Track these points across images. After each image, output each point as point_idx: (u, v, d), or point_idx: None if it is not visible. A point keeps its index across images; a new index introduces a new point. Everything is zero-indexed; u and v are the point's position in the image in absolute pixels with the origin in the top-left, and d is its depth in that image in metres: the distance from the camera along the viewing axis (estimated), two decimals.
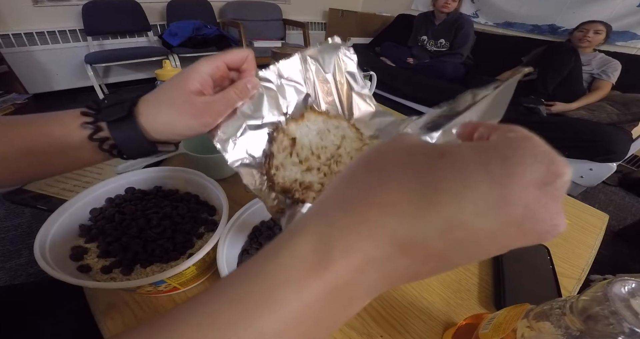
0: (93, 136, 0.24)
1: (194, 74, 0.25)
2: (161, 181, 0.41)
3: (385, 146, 0.14)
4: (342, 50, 0.37)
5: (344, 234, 0.11)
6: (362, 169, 0.13)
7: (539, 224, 0.10)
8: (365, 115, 0.38)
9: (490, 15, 2.52)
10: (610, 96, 1.66)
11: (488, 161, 0.11)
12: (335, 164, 0.31)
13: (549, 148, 0.11)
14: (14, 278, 0.99)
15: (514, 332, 0.21)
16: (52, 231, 0.30)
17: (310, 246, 0.12)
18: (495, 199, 0.10)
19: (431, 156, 0.12)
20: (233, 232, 0.33)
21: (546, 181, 0.10)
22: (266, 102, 0.31)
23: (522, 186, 0.10)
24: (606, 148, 1.44)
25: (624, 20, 1.86)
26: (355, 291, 0.12)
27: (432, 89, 2.09)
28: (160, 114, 0.25)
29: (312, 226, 0.12)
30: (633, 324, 0.14)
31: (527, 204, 0.10)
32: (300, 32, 2.65)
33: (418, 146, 0.13)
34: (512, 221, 0.10)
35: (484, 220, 0.10)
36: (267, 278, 0.11)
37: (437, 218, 0.11)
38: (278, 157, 0.29)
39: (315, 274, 0.11)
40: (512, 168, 0.10)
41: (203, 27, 2.18)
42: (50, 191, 0.47)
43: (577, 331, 0.17)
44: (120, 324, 0.31)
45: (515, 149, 0.11)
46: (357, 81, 0.38)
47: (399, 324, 0.33)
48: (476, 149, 0.11)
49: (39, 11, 1.94)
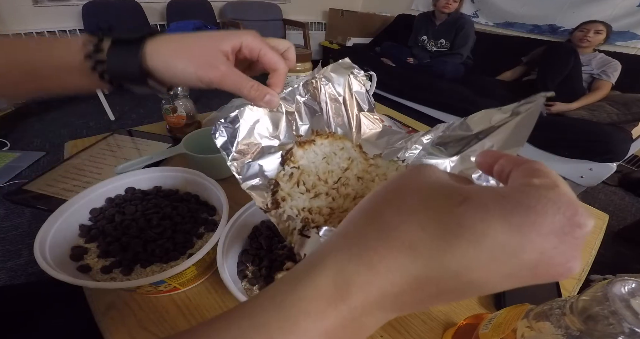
0: (89, 55, 0.23)
1: (234, 37, 0.25)
2: (161, 181, 0.41)
3: (406, 179, 0.14)
4: (354, 71, 0.37)
5: (362, 271, 0.12)
6: (383, 205, 0.14)
7: (553, 268, 0.11)
8: (372, 135, 0.39)
9: (490, 15, 2.52)
10: (610, 96, 1.66)
11: (509, 211, 0.11)
12: (343, 187, 0.31)
13: (573, 197, 0.11)
14: (14, 278, 0.99)
15: (514, 332, 0.21)
16: (52, 231, 0.30)
17: (330, 280, 0.12)
18: (513, 247, 0.10)
19: (453, 200, 0.12)
20: (233, 232, 0.33)
21: (566, 231, 0.10)
22: (284, 124, 0.32)
23: (541, 235, 0.10)
24: (606, 148, 1.45)
25: (624, 20, 1.86)
26: (368, 320, 0.13)
27: (432, 89, 2.09)
28: (167, 49, 0.24)
29: (332, 261, 0.13)
30: (633, 324, 0.14)
31: (544, 251, 0.10)
32: (300, 32, 2.65)
33: (440, 185, 0.13)
34: (527, 266, 0.11)
35: (500, 265, 0.11)
36: (291, 308, 0.12)
37: (453, 262, 0.11)
38: (284, 188, 0.29)
39: (334, 307, 0.12)
40: (533, 218, 0.10)
41: (203, 27, 2.18)
42: (50, 191, 0.47)
43: (577, 331, 0.17)
44: (120, 324, 0.31)
45: (538, 198, 0.11)
46: (366, 102, 0.39)
47: (399, 324, 0.33)
48: (498, 197, 0.11)
49: (39, 11, 1.94)
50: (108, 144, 0.61)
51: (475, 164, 0.16)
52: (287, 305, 0.12)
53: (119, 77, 0.24)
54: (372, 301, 0.12)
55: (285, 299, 0.12)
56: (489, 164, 0.15)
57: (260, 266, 0.33)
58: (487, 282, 0.11)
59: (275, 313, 0.12)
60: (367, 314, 0.12)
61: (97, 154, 0.58)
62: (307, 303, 0.12)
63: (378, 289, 0.12)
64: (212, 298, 0.34)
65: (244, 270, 0.33)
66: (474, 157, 0.26)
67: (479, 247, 0.11)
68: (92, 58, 0.23)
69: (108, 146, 0.60)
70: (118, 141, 0.62)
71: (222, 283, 0.27)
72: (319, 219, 0.29)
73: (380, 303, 0.12)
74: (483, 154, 0.16)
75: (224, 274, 0.28)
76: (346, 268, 0.12)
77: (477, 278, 0.11)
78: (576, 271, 0.11)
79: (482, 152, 0.16)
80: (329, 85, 0.36)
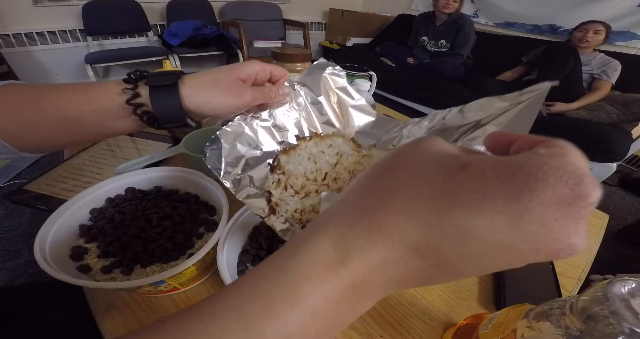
0: (130, 100, 0.26)
1: (247, 66, 0.30)
2: (161, 181, 0.41)
3: (407, 149, 0.14)
4: (329, 69, 0.37)
5: (362, 235, 0.12)
6: (383, 173, 0.14)
7: (553, 242, 0.10)
8: (366, 126, 0.39)
9: (490, 15, 2.52)
10: (610, 96, 1.66)
11: (509, 176, 0.10)
12: (334, 182, 0.32)
13: (581, 167, 0.10)
14: (14, 278, 0.99)
15: (514, 332, 0.21)
16: (52, 231, 0.30)
17: (330, 243, 0.12)
18: (512, 214, 0.10)
19: (452, 166, 0.12)
20: (233, 232, 0.33)
21: (568, 201, 0.10)
22: (262, 133, 0.33)
23: (540, 204, 0.10)
24: (606, 148, 1.45)
25: (624, 20, 1.86)
26: (369, 289, 0.12)
27: (432, 89, 2.09)
28: (203, 88, 0.28)
29: (333, 225, 0.13)
30: (633, 324, 0.14)
31: (544, 222, 0.10)
32: (300, 32, 2.65)
33: (440, 154, 0.13)
34: (526, 237, 0.10)
35: (498, 234, 0.10)
36: (291, 273, 0.12)
37: (452, 228, 0.11)
38: (275, 194, 0.30)
39: (335, 271, 0.12)
40: (533, 185, 0.10)
41: (203, 27, 2.18)
42: (50, 191, 0.47)
43: (577, 331, 0.17)
44: (120, 324, 0.31)
45: (540, 166, 0.10)
46: (351, 95, 0.39)
47: (399, 324, 0.33)
48: (499, 164, 0.11)
49: (39, 11, 1.94)
50: (108, 144, 0.61)
51: (485, 145, 0.15)
52: (287, 270, 0.12)
53: (164, 121, 0.28)
54: (373, 266, 0.12)
55: (287, 264, 0.12)
56: (504, 144, 0.14)
57: None
58: (487, 254, 0.11)
59: (276, 278, 0.12)
60: (367, 281, 0.12)
61: (97, 154, 0.58)
62: (308, 267, 0.12)
63: (378, 253, 0.12)
64: None
65: (244, 270, 0.33)
66: (477, 144, 0.25)
67: (477, 213, 0.10)
68: (133, 103, 0.26)
69: (108, 146, 0.60)
70: (118, 141, 0.62)
71: (222, 283, 0.27)
72: (313, 216, 0.29)
73: (380, 269, 0.12)
74: (494, 137, 0.15)
75: (224, 274, 0.28)
76: (347, 232, 0.12)
77: (476, 248, 0.11)
78: (579, 249, 0.10)
79: (492, 135, 0.15)
80: (304, 89, 0.36)
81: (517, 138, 0.14)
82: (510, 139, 0.14)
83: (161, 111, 0.27)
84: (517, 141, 0.13)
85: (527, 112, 0.22)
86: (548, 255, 0.10)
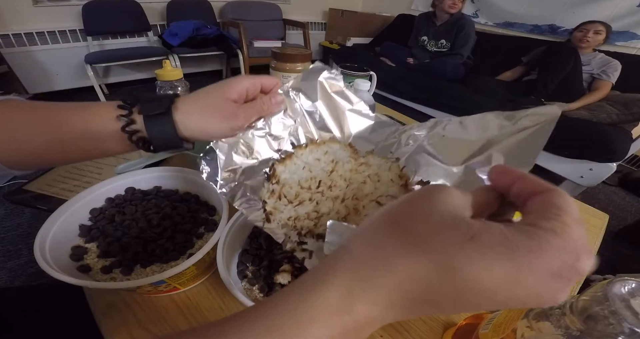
0: (126, 127, 0.26)
1: (235, 85, 0.29)
2: (161, 181, 0.41)
3: (419, 207, 0.15)
4: (325, 73, 0.36)
5: (367, 290, 0.13)
6: (391, 229, 0.14)
7: (541, 299, 0.12)
8: (364, 130, 0.38)
9: (490, 15, 2.52)
10: (610, 96, 1.66)
11: (511, 251, 0.12)
12: (328, 189, 0.31)
13: (580, 243, 0.12)
14: (14, 278, 0.99)
15: (514, 332, 0.21)
16: (52, 231, 0.30)
17: (338, 295, 0.14)
18: (509, 282, 0.12)
19: (462, 236, 0.13)
20: (233, 233, 0.33)
21: (563, 274, 0.11)
22: (258, 142, 0.33)
23: (534, 274, 0.11)
24: (606, 148, 1.44)
25: (624, 20, 1.86)
26: (369, 329, 0.14)
27: (432, 89, 2.08)
28: (195, 114, 0.28)
29: (342, 279, 0.14)
30: (633, 324, 0.14)
31: (535, 287, 0.12)
32: (300, 32, 2.65)
33: (451, 218, 0.14)
34: (517, 297, 0.12)
35: (495, 295, 0.12)
36: (302, 314, 0.14)
37: (454, 290, 0.12)
38: (269, 204, 0.30)
39: (341, 318, 0.13)
40: (530, 260, 0.12)
41: (203, 27, 2.18)
42: (50, 191, 0.47)
43: (577, 331, 0.17)
44: (120, 324, 0.31)
45: (540, 244, 0.12)
46: (349, 98, 0.38)
47: (399, 324, 0.33)
48: (504, 239, 0.12)
49: (39, 11, 1.94)
50: None
51: (488, 179, 0.16)
52: (299, 312, 0.14)
53: (160, 148, 0.28)
54: (374, 316, 0.14)
55: (298, 306, 0.14)
56: (505, 184, 0.15)
57: (260, 266, 0.33)
58: (482, 305, 0.13)
59: (288, 317, 0.14)
60: (368, 324, 0.14)
61: None
62: (318, 312, 0.13)
63: (380, 307, 0.13)
64: (212, 298, 0.34)
65: (244, 270, 0.33)
66: (480, 172, 0.25)
67: (478, 280, 0.12)
68: (129, 130, 0.26)
69: None
70: None
71: (222, 283, 0.27)
72: (308, 223, 0.30)
73: (380, 318, 0.14)
74: (498, 172, 0.16)
75: (224, 274, 0.28)
76: (354, 287, 0.14)
77: (474, 301, 0.13)
78: (563, 300, 0.12)
79: (497, 170, 0.16)
80: (299, 95, 0.36)
81: (518, 179, 0.15)
82: (511, 179, 0.15)
83: (156, 138, 0.27)
84: (518, 183, 0.15)
85: (533, 140, 0.22)
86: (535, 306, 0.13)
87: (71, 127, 0.25)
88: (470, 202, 0.15)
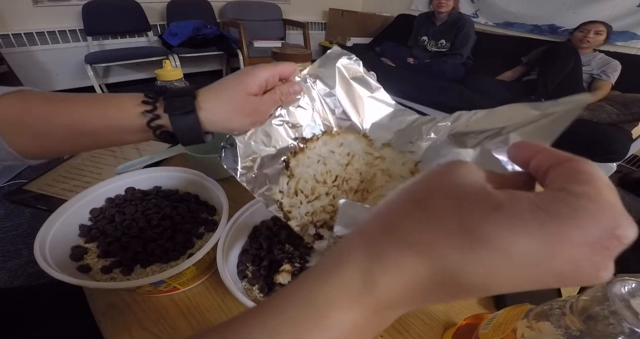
0: (150, 123, 0.26)
1: (255, 78, 0.28)
2: (161, 181, 0.41)
3: (435, 181, 0.14)
4: (343, 59, 0.35)
5: (389, 271, 0.12)
6: (409, 206, 0.13)
7: (582, 276, 0.11)
8: (383, 118, 0.37)
9: (490, 15, 2.52)
10: (610, 96, 1.66)
11: (544, 222, 0.10)
12: (344, 183, 0.31)
13: (617, 208, 0.11)
14: (14, 278, 0.99)
15: (514, 332, 0.21)
16: (52, 231, 0.30)
17: (357, 275, 0.13)
18: (542, 256, 0.10)
19: (485, 207, 0.11)
20: (233, 232, 0.33)
21: (604, 244, 0.10)
22: (276, 131, 0.32)
23: (573, 245, 0.10)
24: (606, 148, 1.44)
25: (624, 20, 1.86)
26: (390, 314, 0.14)
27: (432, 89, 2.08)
28: (219, 112, 0.28)
29: (360, 258, 0.13)
30: (633, 324, 0.14)
31: (574, 260, 0.10)
32: (300, 32, 2.65)
33: (472, 189, 0.12)
34: (553, 272, 0.11)
35: (526, 271, 0.11)
36: (319, 303, 0.13)
37: (480, 267, 0.11)
38: (285, 203, 0.30)
39: (361, 300, 0.13)
40: (567, 230, 0.10)
41: (203, 27, 2.18)
42: (50, 191, 0.47)
43: (577, 331, 0.17)
44: (120, 324, 0.31)
45: (576, 210, 0.10)
46: (369, 84, 0.37)
47: (399, 324, 0.33)
48: (533, 207, 0.11)
49: (39, 11, 1.94)
50: None
51: (508, 156, 0.15)
52: (315, 299, 0.13)
53: (186, 143, 0.29)
54: (398, 296, 0.13)
55: (314, 293, 0.13)
56: (525, 157, 0.14)
57: (260, 266, 0.33)
58: (507, 285, 0.12)
59: (304, 306, 0.13)
60: (390, 307, 0.13)
61: (97, 154, 0.58)
62: (337, 296, 0.13)
63: (403, 287, 0.12)
64: (212, 298, 0.34)
65: (244, 270, 0.33)
66: (497, 152, 0.24)
67: (506, 255, 0.11)
68: (153, 125, 0.26)
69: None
70: None
71: (222, 283, 0.27)
72: (324, 216, 0.29)
73: (403, 299, 0.13)
74: (518, 147, 0.15)
75: (224, 274, 0.28)
76: (373, 267, 0.13)
77: (503, 282, 0.11)
78: (606, 279, 0.11)
79: (517, 144, 0.15)
80: (317, 82, 0.35)
81: (539, 151, 0.14)
82: (532, 152, 0.14)
83: (182, 134, 0.27)
84: (538, 155, 0.14)
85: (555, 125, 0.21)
86: (572, 284, 0.11)
87: (92, 121, 0.25)
88: (491, 176, 0.14)
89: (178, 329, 0.31)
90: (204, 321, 0.32)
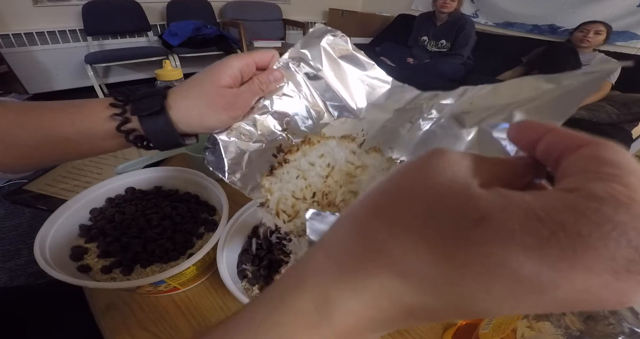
0: (121, 127, 0.25)
1: (226, 69, 0.26)
2: (161, 181, 0.41)
3: (405, 179, 0.11)
4: (328, 37, 0.32)
5: (347, 297, 0.11)
6: (375, 214, 0.11)
7: (599, 305, 0.08)
8: (380, 97, 0.34)
9: (490, 15, 2.52)
10: (610, 96, 1.66)
11: (545, 241, 0.07)
12: (324, 197, 0.29)
13: None
14: (14, 278, 0.99)
15: (514, 332, 0.21)
16: (52, 231, 0.30)
17: (311, 304, 0.11)
18: (543, 284, 0.08)
19: (464, 218, 0.09)
20: (233, 232, 0.33)
21: (632, 268, 0.07)
22: (261, 124, 0.30)
23: (590, 273, 0.07)
24: None
25: (624, 20, 1.86)
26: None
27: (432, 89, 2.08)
28: (191, 108, 0.26)
29: (313, 283, 0.11)
30: (633, 324, 0.14)
31: (590, 290, 0.07)
32: (300, 32, 2.66)
33: (449, 191, 0.09)
34: (559, 301, 0.08)
35: (519, 300, 0.08)
36: (267, 333, 0.11)
37: (454, 296, 0.09)
38: (268, 224, 0.28)
39: (316, 332, 0.11)
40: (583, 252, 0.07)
41: (203, 27, 2.18)
42: (50, 191, 0.47)
43: (577, 331, 0.17)
44: (120, 324, 0.31)
45: (597, 223, 0.07)
46: (359, 63, 0.33)
47: None
48: (531, 218, 0.08)
49: (39, 11, 1.94)
50: None
51: (508, 137, 0.12)
52: (264, 330, 0.11)
53: (161, 147, 0.27)
54: (359, 326, 0.11)
55: (263, 323, 0.11)
56: (530, 140, 0.11)
57: (260, 266, 0.33)
58: (496, 312, 0.10)
59: (259, 333, 0.11)
60: (354, 336, 0.11)
61: None
62: (287, 328, 0.11)
63: (361, 317, 0.11)
64: (212, 298, 0.34)
65: (243, 270, 0.33)
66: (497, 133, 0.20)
67: (492, 280, 0.08)
68: (124, 129, 0.25)
69: None
70: None
71: (222, 283, 0.27)
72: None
73: (368, 326, 0.11)
74: (520, 126, 0.12)
75: (224, 274, 0.28)
76: (329, 292, 0.11)
77: (484, 310, 0.09)
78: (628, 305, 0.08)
79: (519, 124, 0.12)
80: (301, 65, 0.31)
81: (547, 132, 0.10)
82: (538, 133, 0.11)
83: (155, 137, 0.26)
84: (547, 136, 0.10)
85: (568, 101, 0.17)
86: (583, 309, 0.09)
87: (62, 128, 0.24)
88: (483, 166, 0.11)
89: (178, 329, 0.31)
90: (204, 321, 0.32)
